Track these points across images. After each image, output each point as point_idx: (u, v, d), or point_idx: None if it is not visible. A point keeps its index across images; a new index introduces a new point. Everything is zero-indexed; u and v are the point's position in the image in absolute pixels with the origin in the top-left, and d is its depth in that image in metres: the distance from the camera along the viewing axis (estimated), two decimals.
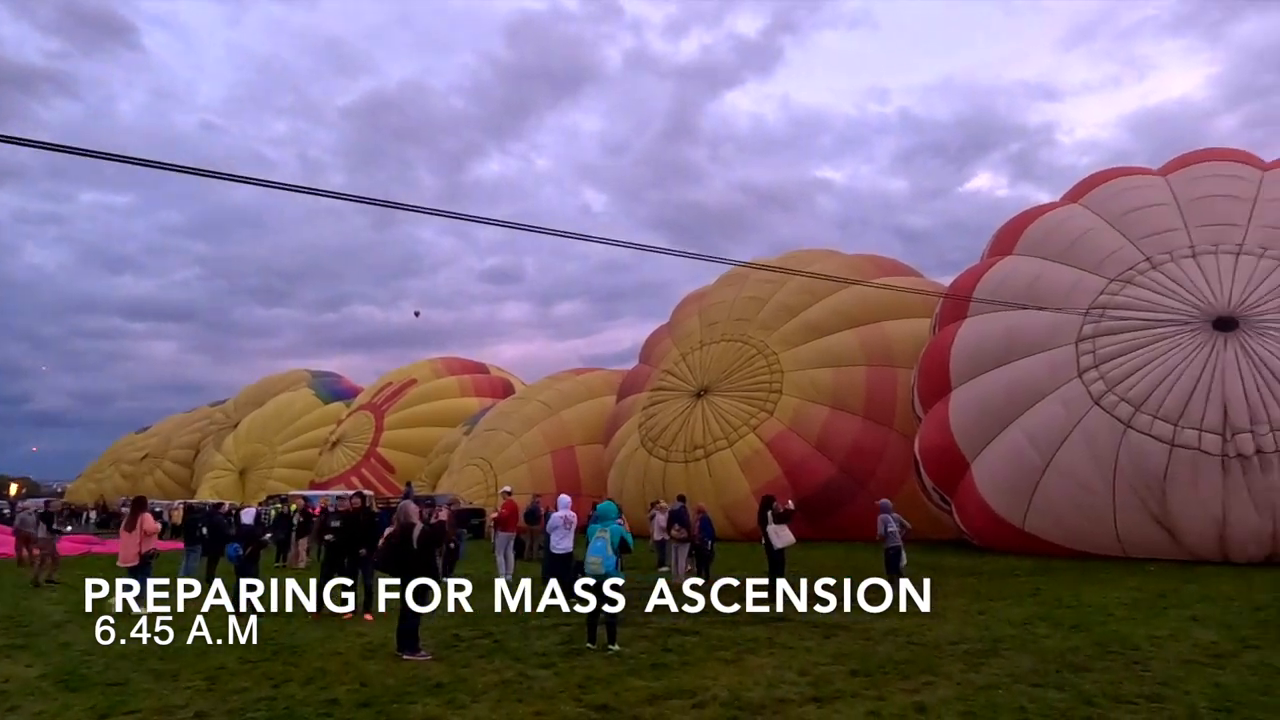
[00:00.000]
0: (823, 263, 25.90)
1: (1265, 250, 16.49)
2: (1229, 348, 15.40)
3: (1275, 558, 14.52)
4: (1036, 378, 16.97)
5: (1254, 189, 17.93)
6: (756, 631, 9.02)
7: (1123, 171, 20.81)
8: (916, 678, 6.91)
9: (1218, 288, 16.28)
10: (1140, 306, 16.69)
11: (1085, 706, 5.99)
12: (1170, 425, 15.07)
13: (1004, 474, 16.80)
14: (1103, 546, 15.86)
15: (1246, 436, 14.52)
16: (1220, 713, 5.78)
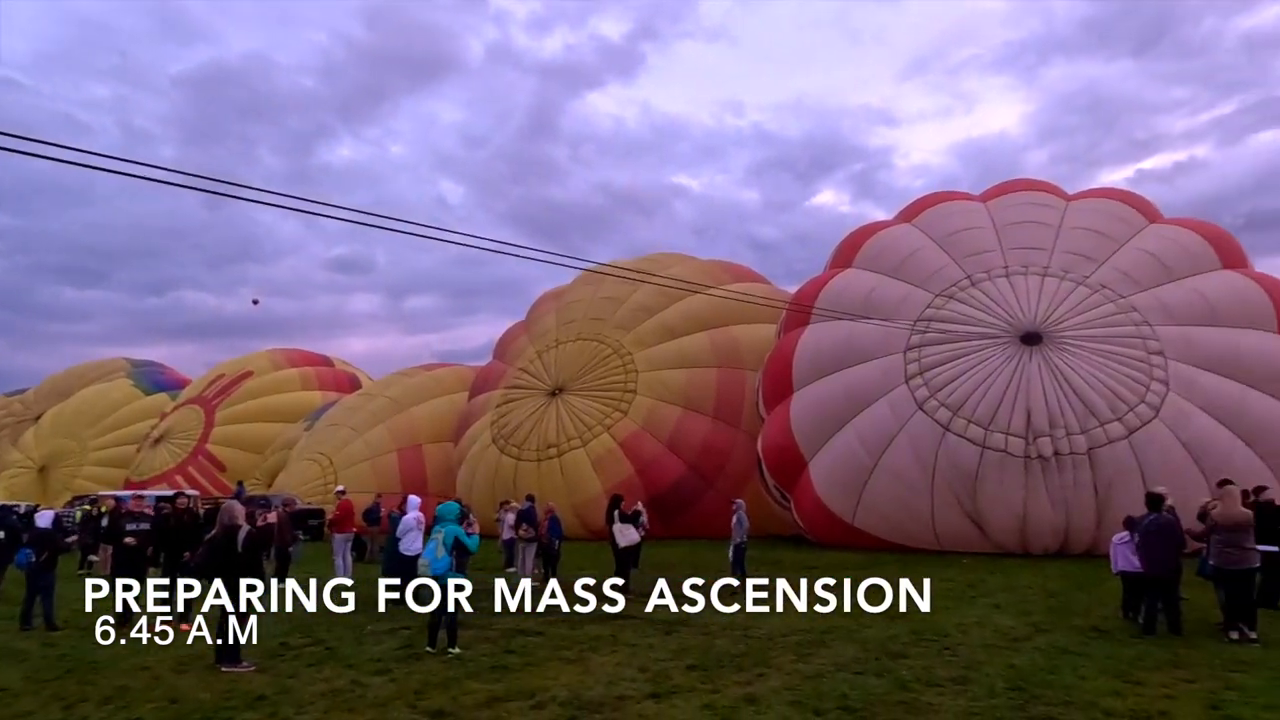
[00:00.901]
0: (678, 267, 26.50)
1: (1066, 273, 18.36)
2: (1034, 360, 17.04)
3: (1066, 549, 16.21)
4: (869, 383, 18.11)
5: (1059, 217, 19.92)
6: (600, 630, 9.08)
7: (949, 196, 22.53)
8: (750, 670, 7.19)
9: (1026, 305, 17.97)
10: (960, 320, 18.15)
11: (901, 691, 6.44)
12: (982, 429, 16.52)
13: (837, 473, 17.84)
14: (922, 540, 17.17)
15: (1046, 440, 16.12)
16: (1014, 691, 6.36)
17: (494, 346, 29.94)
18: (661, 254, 29.45)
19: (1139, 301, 17.52)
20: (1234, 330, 16.97)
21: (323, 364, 40.45)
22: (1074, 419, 16.19)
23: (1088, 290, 17.93)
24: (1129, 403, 16.16)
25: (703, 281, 24.27)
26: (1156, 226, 19.52)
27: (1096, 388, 16.39)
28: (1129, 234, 19.10)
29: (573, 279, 28.53)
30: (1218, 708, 5.86)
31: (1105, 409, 16.14)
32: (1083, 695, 6.21)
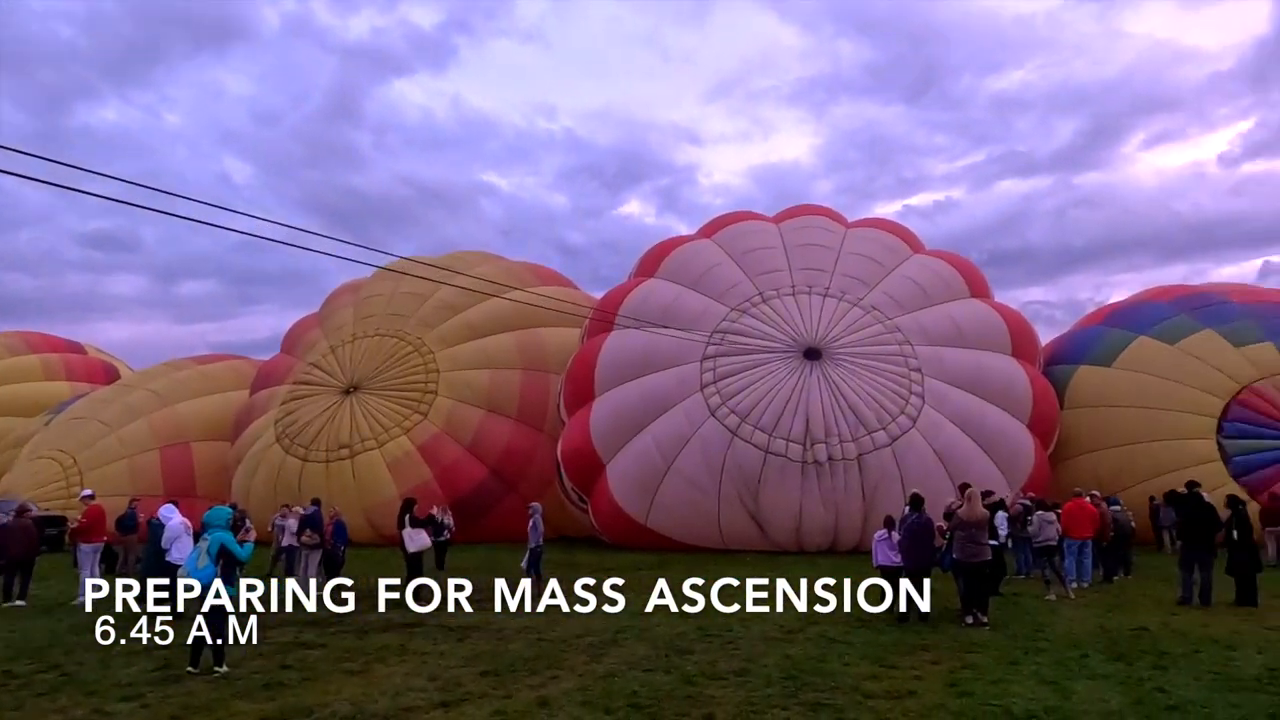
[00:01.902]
0: (486, 266, 26.07)
1: (844, 294, 20.10)
2: (814, 373, 18.48)
3: (835, 547, 17.71)
4: (667, 390, 18.81)
5: (839, 242, 21.77)
6: (387, 639, 8.71)
7: (747, 216, 23.94)
8: (543, 673, 7.19)
9: (809, 323, 19.45)
10: (751, 334, 19.32)
11: (686, 685, 6.71)
12: (766, 435, 17.68)
13: (633, 475, 18.36)
14: (709, 540, 18.07)
15: (821, 446, 17.53)
16: (787, 680, 6.84)
17: (282, 339, 27.86)
18: (468, 252, 28.84)
19: (902, 323, 19.52)
20: (977, 351, 19.38)
21: (72, 351, 35.60)
22: (846, 428, 17.73)
23: (861, 311, 19.73)
24: (892, 414, 17.95)
25: (510, 283, 24.04)
26: (919, 257, 21.85)
27: (866, 400, 18.06)
28: (896, 262, 21.24)
29: (373, 272, 27.22)
30: (955, 685, 6.63)
31: (873, 419, 17.82)
32: (846, 680, 6.80)
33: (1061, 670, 7.12)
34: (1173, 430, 18.73)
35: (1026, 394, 18.99)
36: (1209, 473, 16.97)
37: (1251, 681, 6.64)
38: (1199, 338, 19.67)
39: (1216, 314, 20.28)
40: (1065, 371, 21.09)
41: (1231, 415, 18.42)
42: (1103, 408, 19.91)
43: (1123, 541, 14.24)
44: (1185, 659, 7.48)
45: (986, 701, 6.09)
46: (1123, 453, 19.17)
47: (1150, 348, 20.12)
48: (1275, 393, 18.32)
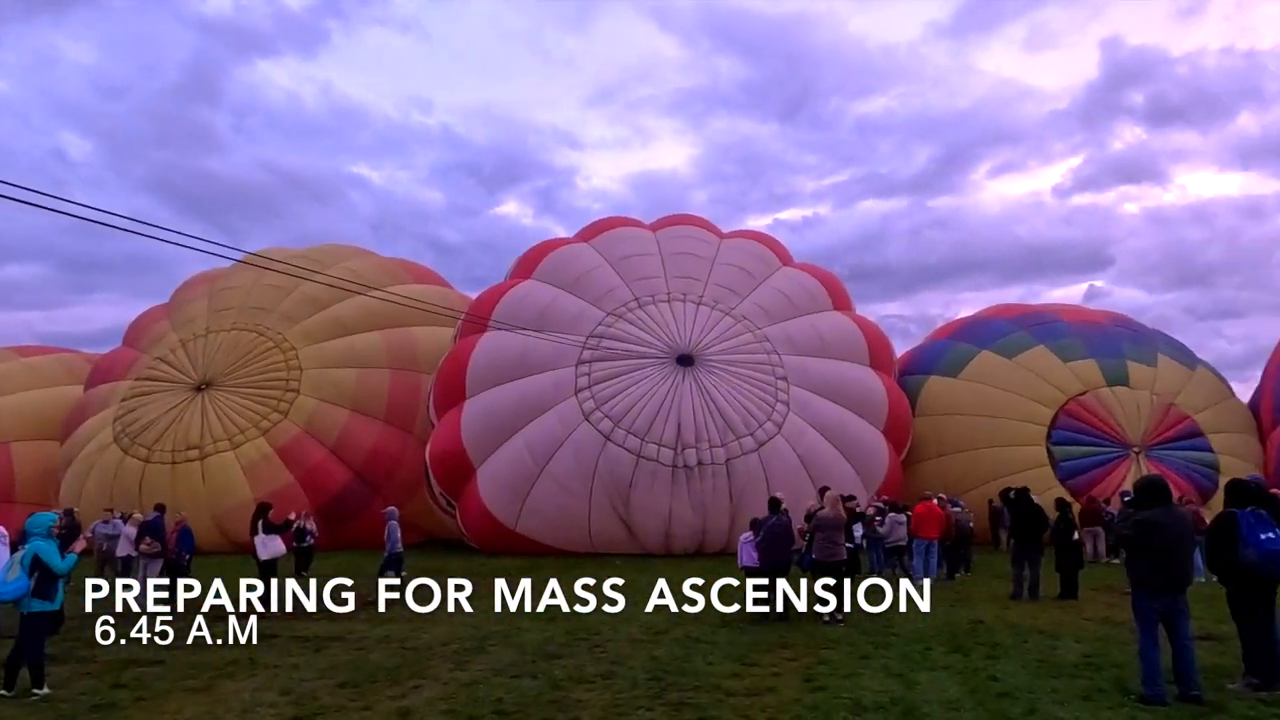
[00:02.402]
0: (355, 261, 25.10)
1: (716, 303, 20.64)
2: (686, 380, 18.87)
3: (703, 549, 18.13)
4: (542, 393, 18.72)
5: (714, 251, 22.33)
6: (235, 654, 8.21)
7: (625, 221, 24.19)
8: (405, 682, 6.99)
9: (683, 330, 19.85)
10: (627, 339, 19.53)
11: (553, 690, 6.69)
12: (639, 440, 17.92)
13: (504, 479, 18.16)
14: (579, 544, 18.11)
15: (692, 451, 17.93)
16: (653, 680, 6.95)
17: (124, 332, 25.76)
18: (337, 245, 27.68)
19: (771, 333, 20.25)
20: (839, 362, 20.36)
21: None
22: (716, 433, 18.20)
23: (732, 320, 20.31)
24: (759, 420, 18.57)
25: (381, 279, 23.27)
26: (787, 269, 22.73)
27: (735, 406, 18.60)
28: (767, 273, 22.01)
29: (232, 263, 25.62)
30: (811, 680, 6.93)
31: (741, 425, 18.38)
32: (710, 679, 6.98)
33: (907, 663, 7.58)
34: (1010, 437, 20.34)
35: (883, 403, 20.12)
36: (1039, 477, 18.55)
37: (1070, 667, 7.29)
38: (1033, 353, 21.47)
39: (1049, 331, 22.20)
40: (917, 381, 22.50)
41: (1059, 424, 20.21)
42: (949, 416, 21.38)
43: (963, 541, 15.33)
44: (1015, 649, 8.13)
45: (839, 695, 6.40)
46: (966, 457, 20.64)
47: (991, 361, 21.78)
48: (1096, 404, 20.24)
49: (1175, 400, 20.40)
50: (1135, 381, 20.53)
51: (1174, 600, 6.21)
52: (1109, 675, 6.90)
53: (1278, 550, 6.34)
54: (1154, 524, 6.34)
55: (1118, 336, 22.12)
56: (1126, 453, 19.71)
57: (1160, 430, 19.98)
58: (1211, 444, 19.80)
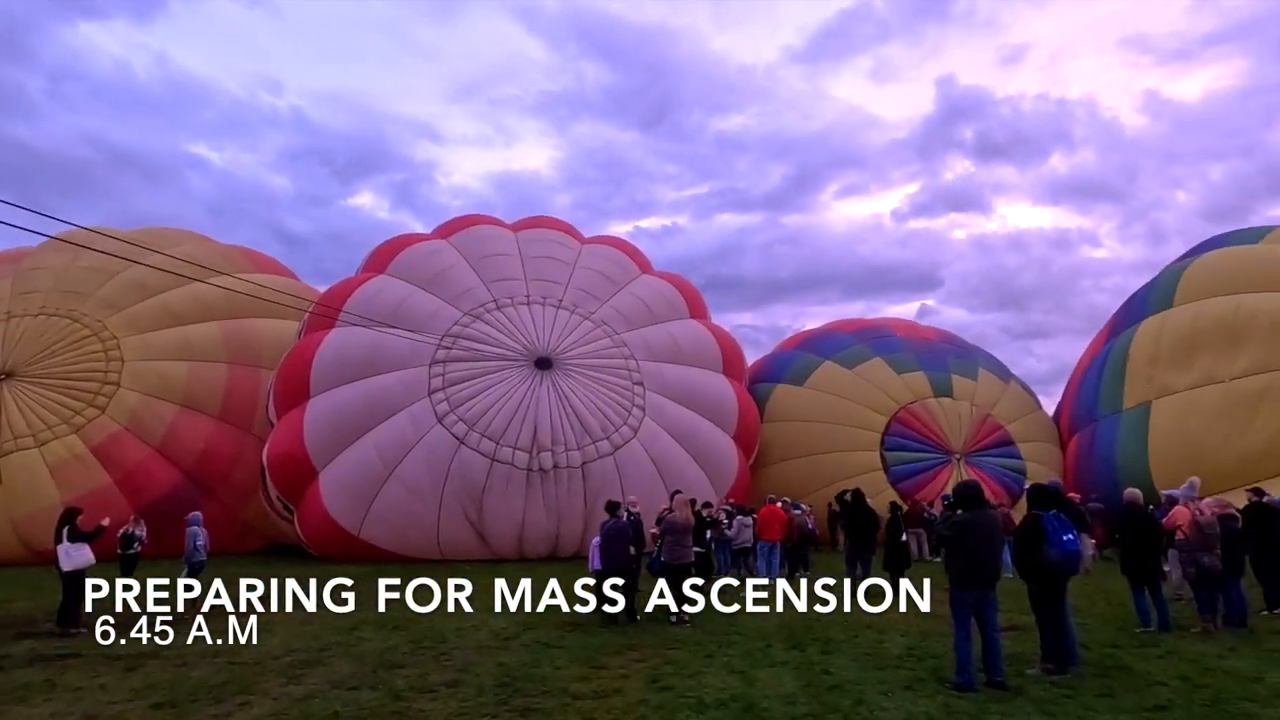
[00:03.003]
0: (191, 245, 23.31)
1: (575, 308, 20.67)
2: (544, 383, 18.78)
3: (556, 553, 18.08)
4: (394, 394, 18.07)
5: (575, 256, 22.38)
6: (30, 676, 7.41)
7: (485, 220, 23.79)
8: (231, 700, 6.55)
9: (542, 333, 19.74)
10: (484, 340, 19.20)
11: (395, 701, 6.47)
12: (493, 443, 17.65)
13: (349, 483, 17.39)
14: (425, 551, 17.59)
15: (548, 454, 17.85)
16: (500, 687, 6.85)
17: None
18: (170, 228, 25.65)
19: (628, 338, 20.51)
20: (694, 369, 20.90)
21: None
22: (573, 437, 18.22)
23: (591, 325, 20.42)
24: (615, 424, 18.76)
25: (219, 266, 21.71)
26: (647, 277, 23.11)
27: (592, 410, 18.70)
28: (626, 280, 22.29)
29: (41, 241, 23.11)
30: (657, 680, 7.06)
31: (598, 429, 18.50)
32: (558, 684, 6.96)
33: (749, 660, 7.87)
34: (848, 443, 21.60)
35: (734, 409, 20.83)
36: (872, 480, 19.81)
37: (895, 659, 7.81)
38: (871, 364, 22.91)
39: (885, 345, 23.75)
40: (766, 389, 23.47)
41: (891, 431, 21.66)
42: (794, 422, 22.44)
43: (804, 542, 16.12)
44: (847, 643, 8.62)
45: (683, 694, 6.56)
46: (809, 462, 21.73)
47: (833, 371, 23.05)
48: (924, 413, 21.84)
49: (991, 411, 22.34)
50: (958, 393, 22.32)
51: (985, 595, 6.80)
52: (928, 665, 7.45)
53: (1077, 550, 7.23)
54: (969, 525, 6.93)
55: (944, 351, 23.98)
56: (948, 459, 21.39)
57: (978, 438, 21.81)
58: (1021, 452, 21.81)
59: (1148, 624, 9.02)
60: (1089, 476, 20.33)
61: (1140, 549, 9.19)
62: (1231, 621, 9.17)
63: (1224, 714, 5.82)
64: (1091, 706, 6.02)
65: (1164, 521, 9.47)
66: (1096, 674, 7.06)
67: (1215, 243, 22.25)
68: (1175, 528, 9.31)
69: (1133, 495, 9.71)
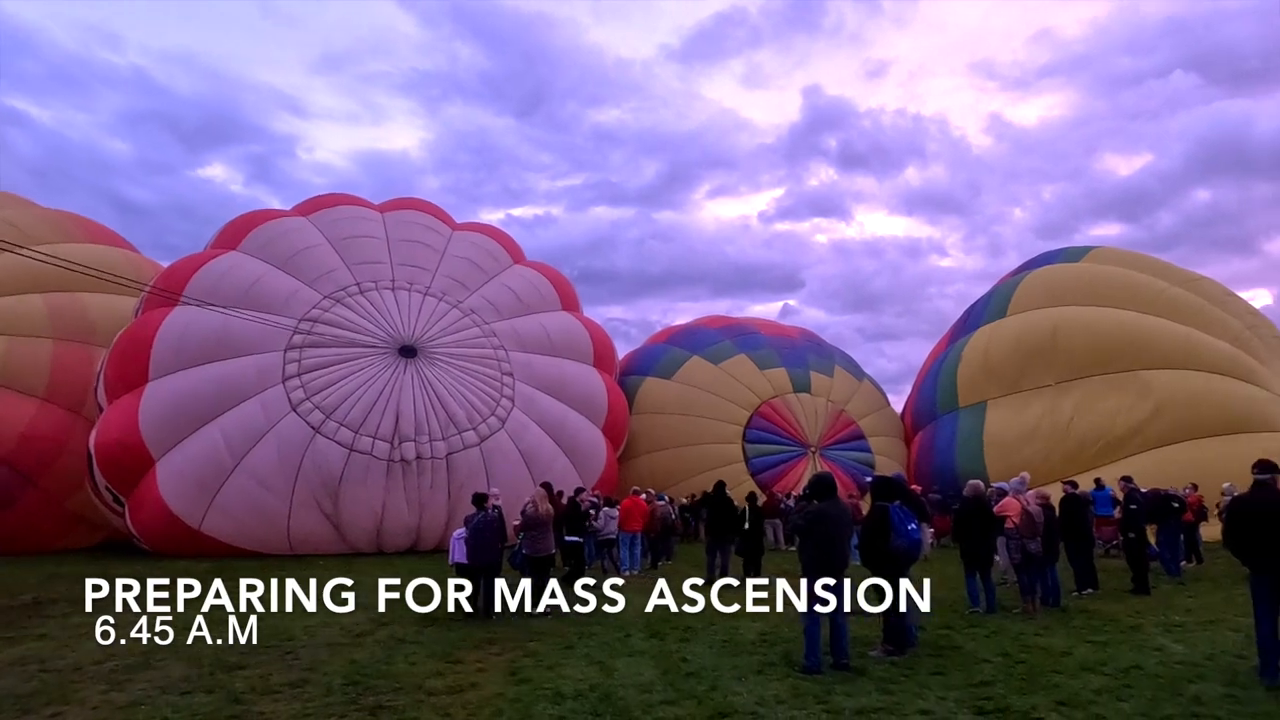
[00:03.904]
0: (11, 210, 20.98)
1: (443, 295, 20.14)
2: (408, 371, 18.20)
3: (417, 547, 17.58)
4: (244, 379, 16.99)
5: (445, 242, 21.78)
6: None
7: (350, 200, 22.74)
8: (42, 710, 5.97)
9: (407, 320, 19.11)
10: (345, 325, 18.38)
11: (233, 705, 6.09)
12: (352, 433, 16.94)
13: (191, 473, 16.20)
14: (274, 545, 16.66)
15: (410, 445, 17.31)
16: (350, 686, 6.58)
17: None
18: None
19: (499, 328, 20.20)
20: (564, 361, 20.84)
21: None
22: (438, 427, 17.75)
23: (460, 313, 19.97)
24: (483, 415, 18.44)
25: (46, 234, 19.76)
26: (519, 267, 22.83)
27: (459, 400, 18.29)
28: (498, 269, 21.94)
29: None
30: (516, 673, 7.00)
31: (464, 419, 18.11)
32: (411, 680, 6.76)
33: (608, 650, 7.93)
34: (712, 436, 22.18)
35: (604, 401, 20.93)
36: (734, 472, 20.45)
37: (749, 645, 8.08)
38: (736, 360, 23.61)
39: (749, 342, 24.53)
40: (635, 382, 23.74)
41: (753, 425, 22.42)
42: (662, 414, 22.81)
43: (667, 533, 16.42)
44: (704, 631, 8.84)
45: (541, 686, 6.52)
46: (675, 454, 22.15)
47: (701, 366, 23.60)
48: (784, 408, 22.72)
49: (845, 407, 23.52)
50: (816, 389, 23.36)
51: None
52: (779, 650, 7.75)
53: (919, 539, 7.79)
54: (822, 515, 7.26)
55: (805, 349, 25.03)
56: (805, 451, 22.36)
57: (833, 432, 22.92)
58: (871, 445, 23.10)
59: (977, 605, 9.77)
60: (930, 470, 21.81)
61: (976, 536, 9.92)
62: (1047, 602, 10.10)
63: (1038, 685, 6.37)
64: (925, 684, 6.45)
65: (995, 511, 10.26)
66: (931, 654, 7.57)
67: (1045, 259, 24.41)
68: (1006, 517, 10.11)
69: (974, 487, 10.47)
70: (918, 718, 5.61)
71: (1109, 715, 5.56)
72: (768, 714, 5.71)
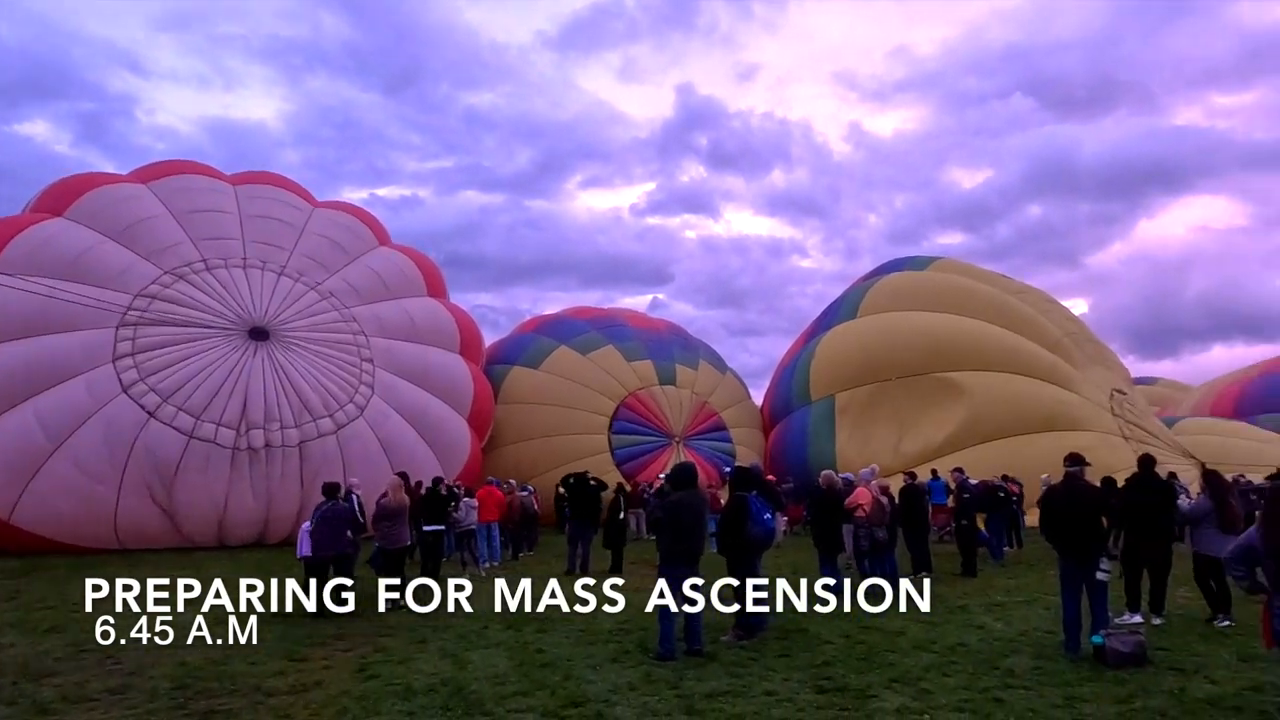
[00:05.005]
0: None
1: (300, 276, 19.12)
2: (258, 355, 17.17)
3: (264, 539, 16.65)
4: (67, 357, 15.51)
5: (304, 220, 20.66)
6: None
7: (198, 168, 21.16)
8: None
9: (258, 300, 18.02)
10: (188, 304, 17.12)
11: (39, 716, 5.57)
12: (192, 419, 15.82)
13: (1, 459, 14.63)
14: (99, 539, 15.36)
15: (259, 432, 16.36)
16: (178, 690, 6.14)
17: None
18: None
19: (360, 313, 19.41)
20: (429, 348, 20.28)
21: None
22: (290, 414, 16.86)
23: (318, 296, 19.04)
24: (340, 402, 17.67)
25: None
26: (384, 249, 22.00)
27: (314, 386, 17.45)
28: (361, 250, 21.05)
29: None
30: (364, 669, 6.75)
31: (320, 406, 17.30)
32: (249, 681, 6.39)
33: (463, 643, 7.79)
34: (579, 426, 22.21)
35: (469, 390, 20.52)
36: (600, 462, 20.57)
37: (605, 634, 8.14)
38: (604, 352, 23.73)
39: (617, 334, 24.72)
40: (501, 371, 23.42)
41: (619, 416, 22.64)
42: (528, 404, 22.63)
43: (529, 523, 16.35)
44: (562, 621, 8.83)
45: (390, 682, 6.33)
46: (540, 444, 22.03)
47: (568, 356, 23.57)
48: (650, 399, 23.07)
49: (709, 399, 24.14)
50: (681, 381, 23.85)
51: (691, 570, 7.32)
52: (635, 638, 7.86)
53: (773, 528, 8.12)
54: (681, 504, 7.42)
55: (671, 342, 25.49)
56: (669, 442, 22.80)
57: (696, 423, 23.48)
58: (732, 436, 23.83)
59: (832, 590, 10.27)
60: (785, 460, 22.76)
61: (828, 524, 10.42)
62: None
63: (874, 664, 6.78)
64: (772, 666, 6.72)
65: (849, 500, 10.81)
66: (779, 637, 7.90)
67: (894, 265, 25.98)
68: (858, 506, 10.67)
69: (827, 478, 10.99)
70: (763, 698, 5.82)
71: (935, 689, 5.98)
72: (620, 701, 5.78)
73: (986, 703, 5.59)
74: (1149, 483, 8.57)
